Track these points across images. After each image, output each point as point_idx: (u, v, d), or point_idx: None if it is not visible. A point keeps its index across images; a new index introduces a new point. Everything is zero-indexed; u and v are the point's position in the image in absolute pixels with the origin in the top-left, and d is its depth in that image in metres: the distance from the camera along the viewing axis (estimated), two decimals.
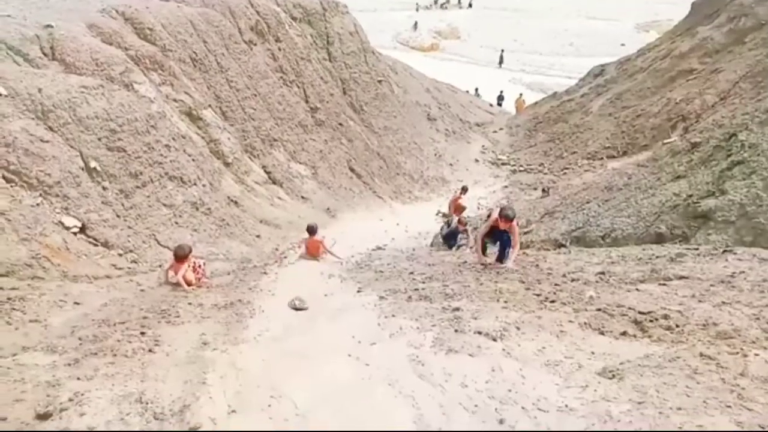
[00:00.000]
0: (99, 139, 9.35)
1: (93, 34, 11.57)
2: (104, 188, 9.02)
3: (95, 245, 8.23)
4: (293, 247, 11.05)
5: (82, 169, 8.85)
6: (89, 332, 4.76)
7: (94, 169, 9.00)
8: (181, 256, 7.14)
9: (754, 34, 16.46)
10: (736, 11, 17.62)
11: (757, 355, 3.16)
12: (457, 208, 14.91)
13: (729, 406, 2.56)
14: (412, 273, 7.63)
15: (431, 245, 11.96)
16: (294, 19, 18.64)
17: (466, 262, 7.78)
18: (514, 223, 7.09)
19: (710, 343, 3.53)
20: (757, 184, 8.24)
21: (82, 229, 8.25)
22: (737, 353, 3.22)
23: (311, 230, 9.53)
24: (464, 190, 15.64)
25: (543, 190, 15.28)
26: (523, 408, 2.91)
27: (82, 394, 3.26)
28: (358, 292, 6.80)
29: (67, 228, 8.01)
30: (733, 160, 9.04)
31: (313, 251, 9.57)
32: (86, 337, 4.62)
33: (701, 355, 3.24)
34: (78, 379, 3.59)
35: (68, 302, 6.24)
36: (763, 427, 2.36)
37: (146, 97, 10.99)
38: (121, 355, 4.06)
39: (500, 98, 31.90)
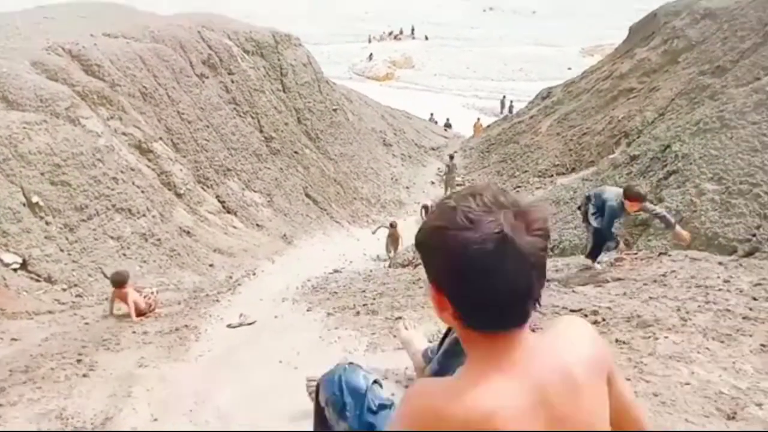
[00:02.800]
0: (42, 174, 9.18)
1: (38, 71, 11.42)
2: (47, 223, 8.82)
3: (37, 281, 8.01)
4: None
5: (24, 204, 8.65)
6: (21, 363, 4.62)
7: (37, 203, 8.81)
8: (119, 282, 6.90)
9: (686, 54, 17.39)
10: (669, 34, 18.63)
11: (666, 337, 3.33)
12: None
13: (628, 379, 2.69)
14: (364, 291, 7.66)
15: (389, 266, 12.01)
16: (246, 52, 18.78)
17: (420, 279, 7.70)
18: None
19: (628, 331, 3.70)
20: (690, 191, 8.74)
21: (23, 265, 8.03)
22: (649, 337, 3.39)
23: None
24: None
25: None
26: None
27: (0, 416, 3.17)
28: (308, 311, 6.80)
29: (6, 265, 7.79)
30: (669, 170, 9.56)
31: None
32: (18, 368, 4.49)
33: (616, 341, 3.39)
34: (0, 405, 3.48)
35: (5, 339, 6.04)
36: (656, 395, 2.50)
37: (93, 131, 10.84)
38: (52, 381, 3.96)
39: (447, 125, 32.78)
